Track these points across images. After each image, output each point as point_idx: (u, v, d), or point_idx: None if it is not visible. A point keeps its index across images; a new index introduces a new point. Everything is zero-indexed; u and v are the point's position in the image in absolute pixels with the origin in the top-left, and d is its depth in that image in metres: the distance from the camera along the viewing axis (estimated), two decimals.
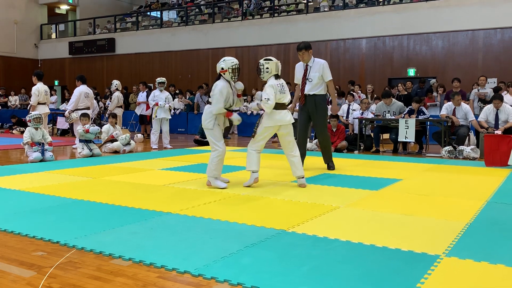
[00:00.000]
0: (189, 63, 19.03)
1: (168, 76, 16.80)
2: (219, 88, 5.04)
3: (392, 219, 3.80)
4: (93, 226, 3.51)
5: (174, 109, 15.00)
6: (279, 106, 5.12)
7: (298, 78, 6.56)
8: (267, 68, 5.15)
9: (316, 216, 3.86)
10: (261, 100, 5.07)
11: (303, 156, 6.16)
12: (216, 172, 5.20)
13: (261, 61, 5.23)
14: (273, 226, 3.51)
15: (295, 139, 5.55)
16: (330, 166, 6.72)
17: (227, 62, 5.09)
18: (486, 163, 7.33)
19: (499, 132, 8.11)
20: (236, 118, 5.22)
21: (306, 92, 6.43)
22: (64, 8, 24.69)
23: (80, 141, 8.46)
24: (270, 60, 5.22)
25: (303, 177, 5.32)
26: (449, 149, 8.59)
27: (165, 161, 7.68)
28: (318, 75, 6.33)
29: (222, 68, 5.09)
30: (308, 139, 7.44)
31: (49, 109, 9.94)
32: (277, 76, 5.19)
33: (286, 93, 5.19)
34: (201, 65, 18.79)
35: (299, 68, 6.55)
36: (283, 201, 4.50)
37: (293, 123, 5.31)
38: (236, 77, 5.15)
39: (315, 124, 6.63)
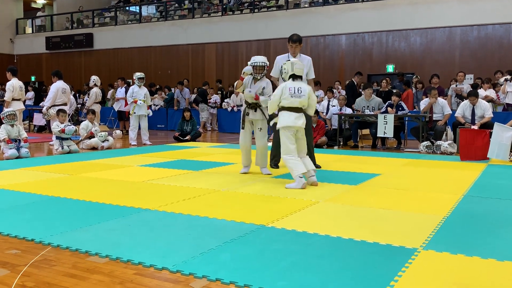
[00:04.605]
0: (169, 58, 18.86)
1: (147, 72, 16.61)
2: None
3: (371, 214, 3.82)
4: (69, 224, 3.45)
5: (154, 105, 14.87)
6: (292, 109, 4.96)
7: (277, 72, 5.83)
8: (284, 68, 5.12)
9: (296, 211, 3.86)
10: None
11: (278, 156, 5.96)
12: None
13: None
14: (253, 221, 3.50)
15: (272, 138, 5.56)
16: (316, 166, 6.15)
17: (251, 60, 5.33)
18: (461, 157, 7.45)
19: (475, 127, 8.25)
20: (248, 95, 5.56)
21: None
22: (40, 2, 24.20)
23: (57, 138, 8.31)
24: (288, 60, 5.28)
25: (313, 175, 5.08)
26: (427, 144, 8.70)
27: (144, 157, 7.61)
28: (306, 71, 5.72)
29: (247, 65, 5.34)
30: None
31: (25, 105, 9.74)
32: (295, 77, 5.03)
33: (301, 98, 4.96)
34: (180, 60, 18.64)
35: (281, 61, 5.71)
36: (263, 196, 4.49)
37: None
38: (259, 75, 5.37)
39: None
